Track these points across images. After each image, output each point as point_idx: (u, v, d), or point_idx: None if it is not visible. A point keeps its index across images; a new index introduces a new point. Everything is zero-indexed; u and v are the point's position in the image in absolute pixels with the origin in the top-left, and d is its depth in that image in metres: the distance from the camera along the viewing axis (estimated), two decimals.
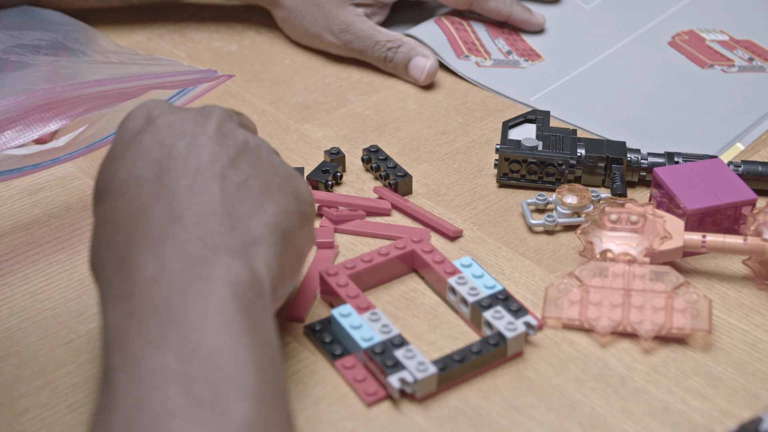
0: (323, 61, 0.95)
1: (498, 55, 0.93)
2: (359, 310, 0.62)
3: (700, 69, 0.91)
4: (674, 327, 0.62)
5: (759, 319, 0.66)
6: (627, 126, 0.85)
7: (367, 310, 0.62)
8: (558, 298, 0.65)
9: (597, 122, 0.85)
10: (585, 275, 0.65)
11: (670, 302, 0.63)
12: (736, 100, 0.87)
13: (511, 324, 0.61)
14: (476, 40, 0.94)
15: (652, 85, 0.90)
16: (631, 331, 0.63)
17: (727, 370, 0.62)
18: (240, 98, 0.90)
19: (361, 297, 0.63)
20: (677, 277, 0.64)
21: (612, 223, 0.68)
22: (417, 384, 0.58)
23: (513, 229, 0.74)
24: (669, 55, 0.93)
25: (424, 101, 0.89)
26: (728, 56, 0.93)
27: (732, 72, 0.91)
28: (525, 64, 0.92)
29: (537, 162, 0.77)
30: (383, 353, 0.59)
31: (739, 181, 0.71)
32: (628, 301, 0.64)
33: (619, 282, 0.65)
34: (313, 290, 0.67)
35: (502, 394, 0.60)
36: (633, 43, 0.95)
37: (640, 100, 0.88)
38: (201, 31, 1.00)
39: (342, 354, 0.62)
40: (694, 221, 0.70)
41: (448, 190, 0.78)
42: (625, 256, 0.66)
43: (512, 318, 0.62)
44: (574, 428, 0.58)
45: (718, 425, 0.58)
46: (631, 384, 0.61)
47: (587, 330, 0.64)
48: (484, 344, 0.61)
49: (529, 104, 0.88)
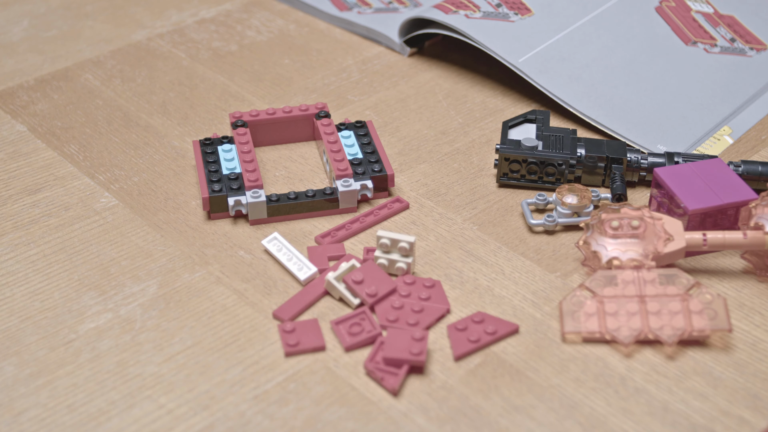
0: (323, 61, 0.95)
1: (487, 8, 0.93)
2: (240, 153, 0.77)
3: (684, 45, 0.93)
4: (695, 330, 0.62)
5: (759, 319, 0.66)
6: (611, 106, 0.86)
7: (248, 153, 0.76)
8: (574, 312, 0.64)
9: (581, 98, 0.86)
10: (596, 285, 0.65)
11: (685, 305, 0.63)
12: (717, 85, 0.89)
13: (346, 182, 0.74)
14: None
15: (637, 60, 0.91)
16: (653, 338, 0.63)
17: (727, 370, 0.62)
18: (240, 98, 0.90)
19: (249, 144, 0.78)
20: (687, 279, 0.64)
21: (614, 230, 0.67)
22: (248, 206, 0.73)
23: (513, 229, 0.74)
24: (655, 23, 0.95)
25: (424, 101, 0.89)
26: (711, 33, 0.95)
27: (714, 53, 0.92)
28: (514, 18, 0.93)
29: (537, 162, 0.77)
30: (236, 179, 0.74)
31: (739, 181, 0.71)
32: (644, 308, 0.63)
33: (632, 289, 0.64)
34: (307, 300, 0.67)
35: (502, 394, 0.60)
36: (621, 3, 0.96)
37: (624, 78, 0.89)
38: (201, 31, 1.00)
39: (215, 171, 0.75)
40: (695, 222, 0.70)
41: (448, 190, 0.78)
42: (632, 262, 0.66)
43: (352, 181, 0.75)
44: (574, 428, 0.58)
45: (718, 425, 0.58)
46: (631, 384, 0.61)
47: (608, 342, 0.64)
48: (320, 192, 0.74)
49: (516, 66, 0.88)
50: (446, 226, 0.74)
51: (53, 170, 0.80)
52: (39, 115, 0.87)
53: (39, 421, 0.58)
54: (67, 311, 0.66)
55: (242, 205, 0.74)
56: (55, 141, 0.84)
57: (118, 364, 0.62)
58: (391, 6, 1.03)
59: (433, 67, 0.95)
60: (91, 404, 0.59)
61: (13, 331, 0.65)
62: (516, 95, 0.91)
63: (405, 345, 0.62)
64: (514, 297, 0.68)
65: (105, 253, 0.71)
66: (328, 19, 1.03)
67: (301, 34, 1.00)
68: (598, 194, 0.75)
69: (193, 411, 0.59)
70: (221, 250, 0.72)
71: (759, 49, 0.94)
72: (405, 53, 0.97)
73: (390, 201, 0.76)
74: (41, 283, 0.69)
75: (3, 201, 0.76)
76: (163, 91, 0.90)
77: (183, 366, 0.62)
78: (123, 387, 0.61)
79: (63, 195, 0.77)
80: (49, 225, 0.74)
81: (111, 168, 0.80)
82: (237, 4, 1.06)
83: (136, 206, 0.76)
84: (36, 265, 0.70)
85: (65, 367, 0.62)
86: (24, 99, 0.89)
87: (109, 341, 0.64)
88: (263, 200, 0.73)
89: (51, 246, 0.72)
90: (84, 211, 0.75)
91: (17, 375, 0.61)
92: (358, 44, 0.99)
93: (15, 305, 0.67)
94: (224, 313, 0.66)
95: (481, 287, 0.68)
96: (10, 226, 0.74)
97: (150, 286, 0.68)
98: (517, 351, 0.63)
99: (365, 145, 0.79)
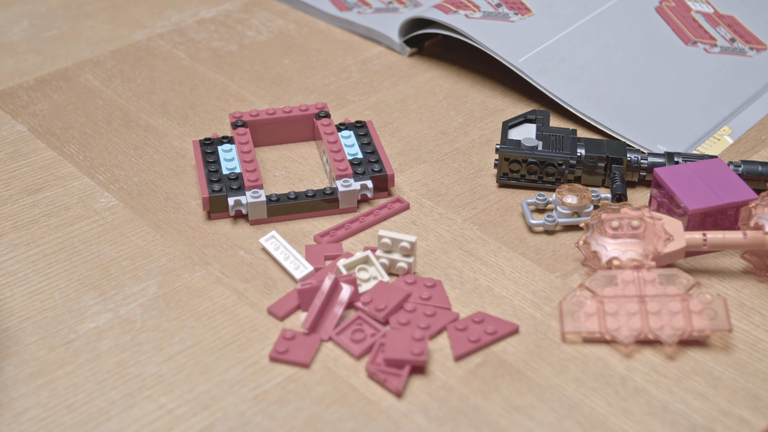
0: (323, 61, 0.95)
1: (487, 8, 0.93)
2: (242, 153, 0.76)
3: (684, 45, 0.93)
4: (695, 330, 0.62)
5: (759, 319, 0.66)
6: (611, 106, 0.86)
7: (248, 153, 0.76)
8: (574, 312, 0.64)
9: (581, 98, 0.86)
10: (596, 285, 0.65)
11: (685, 305, 0.63)
12: (717, 85, 0.89)
13: (346, 182, 0.74)
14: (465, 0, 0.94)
15: (637, 59, 0.91)
16: (653, 338, 0.63)
17: (727, 370, 0.62)
18: (240, 98, 0.90)
19: (249, 144, 0.78)
20: (687, 279, 0.64)
21: (614, 230, 0.67)
22: (248, 207, 0.72)
23: (513, 229, 0.74)
24: (655, 23, 0.95)
25: (424, 101, 0.89)
26: (711, 33, 0.95)
27: (714, 53, 0.92)
28: (514, 18, 0.93)
29: (537, 162, 0.77)
30: (236, 179, 0.74)
31: (739, 181, 0.71)
32: (644, 308, 0.63)
33: (632, 289, 0.64)
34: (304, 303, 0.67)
35: (502, 394, 0.60)
36: (621, 3, 0.96)
37: (625, 78, 0.89)
38: (201, 31, 1.00)
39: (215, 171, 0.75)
40: (695, 222, 0.70)
41: (448, 190, 0.78)
42: (632, 262, 0.66)
43: (352, 181, 0.75)
44: (574, 428, 0.58)
45: (718, 425, 0.58)
46: (631, 384, 0.61)
47: (608, 342, 0.64)
48: (320, 192, 0.74)
49: (516, 66, 0.88)
50: (446, 226, 0.74)
51: (53, 170, 0.80)
52: (39, 115, 0.87)
53: (39, 421, 0.58)
54: (67, 311, 0.66)
55: (242, 205, 0.74)
56: (55, 141, 0.84)
57: (118, 364, 0.62)
58: (391, 6, 1.03)
59: (433, 67, 0.95)
60: (91, 404, 0.59)
61: (13, 331, 0.65)
62: (516, 95, 0.91)
63: (406, 345, 0.62)
64: (514, 297, 0.68)
65: (105, 253, 0.71)
66: (328, 19, 1.03)
67: (301, 34, 1.00)
68: (598, 194, 0.75)
69: (193, 411, 0.59)
70: (221, 250, 0.72)
71: (759, 49, 0.94)
72: (405, 53, 0.97)
73: (390, 201, 0.76)
74: (41, 283, 0.69)
75: (3, 201, 0.76)
76: (163, 91, 0.90)
77: (183, 366, 0.62)
78: (123, 387, 0.61)
79: (63, 195, 0.77)
80: (49, 225, 0.74)
81: (111, 168, 0.80)
82: (237, 4, 1.06)
83: (136, 206, 0.76)
84: (36, 265, 0.70)
85: (65, 367, 0.62)
86: (24, 99, 0.89)
87: (109, 341, 0.64)
88: (263, 200, 0.73)
89: (51, 246, 0.72)
90: (84, 211, 0.75)
91: (17, 375, 0.61)
92: (358, 44, 0.99)
93: (15, 305, 0.67)
94: (224, 313, 0.66)
95: (481, 287, 0.68)
96: (10, 226, 0.74)
97: (150, 286, 0.68)
98: (517, 351, 0.63)
99: (365, 145, 0.79)
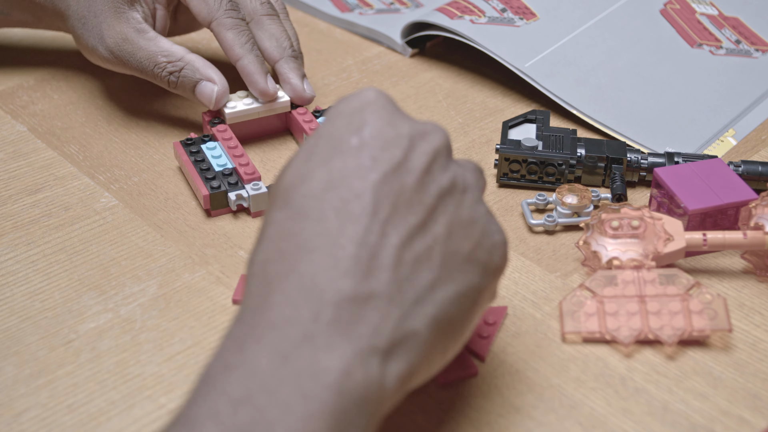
0: (323, 61, 0.95)
1: (492, 13, 0.93)
2: (228, 149, 0.77)
3: (690, 47, 0.93)
4: (695, 330, 0.62)
5: (759, 319, 0.66)
6: (618, 110, 0.86)
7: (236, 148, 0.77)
8: (574, 312, 0.64)
9: (588, 102, 0.86)
10: (596, 285, 0.65)
11: (685, 305, 0.63)
12: (723, 87, 0.89)
13: None
14: (469, 4, 0.94)
15: (643, 62, 0.91)
16: (653, 338, 0.63)
17: (727, 370, 0.62)
18: None
19: (234, 140, 0.78)
20: (687, 279, 0.64)
21: (614, 230, 0.67)
22: (251, 199, 0.73)
23: (513, 229, 0.74)
24: (660, 25, 0.95)
25: (424, 101, 0.89)
26: (716, 35, 0.95)
27: (720, 55, 0.92)
28: (520, 23, 0.93)
29: (537, 162, 0.77)
30: (231, 175, 0.75)
31: (739, 181, 0.71)
32: (644, 308, 0.63)
33: (632, 289, 0.64)
34: None
35: (502, 394, 0.60)
36: (626, 6, 0.96)
37: (631, 81, 0.89)
38: (201, 31, 1.00)
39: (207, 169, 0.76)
40: (695, 222, 0.70)
41: None
42: (632, 262, 0.66)
43: None
44: (574, 428, 0.58)
45: (718, 425, 0.58)
46: (631, 384, 0.61)
47: (609, 342, 0.64)
48: None
49: (523, 70, 0.88)
50: None
51: (53, 170, 0.80)
52: (39, 115, 0.87)
53: (39, 421, 0.58)
54: (67, 311, 0.66)
55: (244, 198, 0.74)
56: (55, 141, 0.84)
57: (118, 364, 0.62)
58: (392, 7, 1.03)
59: (432, 68, 0.95)
60: (91, 404, 0.59)
61: (13, 331, 0.65)
62: (516, 95, 0.91)
63: None
64: (514, 297, 0.68)
65: (105, 253, 0.71)
66: (329, 19, 1.03)
67: (301, 34, 1.00)
68: (598, 194, 0.75)
69: None
70: (221, 250, 0.72)
71: (764, 50, 0.94)
72: (407, 54, 0.97)
73: None
74: (41, 283, 0.69)
75: (3, 201, 0.76)
76: (163, 90, 0.90)
77: (183, 366, 0.62)
78: (123, 387, 0.61)
79: (63, 195, 0.77)
80: (49, 225, 0.74)
81: (111, 168, 0.80)
82: None
83: (136, 206, 0.76)
84: (36, 265, 0.70)
85: (65, 367, 0.62)
86: (24, 99, 0.89)
87: (109, 341, 0.64)
88: (265, 191, 0.73)
89: (51, 246, 0.72)
90: (84, 211, 0.75)
91: (17, 375, 0.61)
92: (358, 44, 0.99)
93: (15, 305, 0.67)
94: (224, 313, 0.66)
95: None
96: (10, 226, 0.74)
97: (150, 286, 0.68)
98: (517, 351, 0.63)
99: None
